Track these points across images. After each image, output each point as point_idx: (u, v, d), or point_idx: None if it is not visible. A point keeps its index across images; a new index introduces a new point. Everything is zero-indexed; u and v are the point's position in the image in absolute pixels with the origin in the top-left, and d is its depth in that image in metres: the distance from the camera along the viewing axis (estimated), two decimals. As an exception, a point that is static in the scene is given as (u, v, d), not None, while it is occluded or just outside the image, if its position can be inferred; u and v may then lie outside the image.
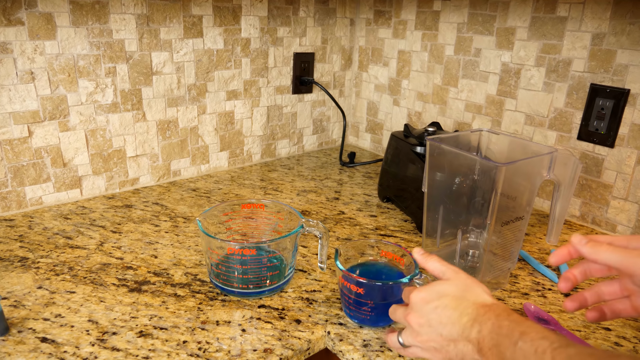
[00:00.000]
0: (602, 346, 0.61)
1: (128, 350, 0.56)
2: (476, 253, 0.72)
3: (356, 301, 0.60)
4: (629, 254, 0.44)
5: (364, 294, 0.59)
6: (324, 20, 1.26)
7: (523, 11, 0.97)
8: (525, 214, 0.68)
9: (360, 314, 0.61)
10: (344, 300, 0.62)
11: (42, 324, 0.60)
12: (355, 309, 0.61)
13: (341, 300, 0.65)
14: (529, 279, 0.76)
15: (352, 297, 0.60)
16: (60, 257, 0.75)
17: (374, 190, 1.10)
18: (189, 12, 1.01)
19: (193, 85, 1.07)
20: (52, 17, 0.85)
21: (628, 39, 0.84)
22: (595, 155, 0.92)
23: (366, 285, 0.58)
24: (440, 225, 0.73)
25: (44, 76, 0.87)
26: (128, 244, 0.80)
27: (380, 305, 0.59)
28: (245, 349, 0.57)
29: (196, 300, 0.66)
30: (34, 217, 0.89)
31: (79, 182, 0.97)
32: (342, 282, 0.61)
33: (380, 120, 1.35)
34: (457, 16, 1.09)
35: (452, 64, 1.13)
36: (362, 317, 0.61)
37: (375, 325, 0.62)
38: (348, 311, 0.63)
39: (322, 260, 0.70)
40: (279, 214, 0.74)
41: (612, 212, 0.92)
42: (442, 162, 0.70)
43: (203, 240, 0.67)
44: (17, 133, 0.87)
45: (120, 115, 0.98)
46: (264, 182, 1.12)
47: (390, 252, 0.66)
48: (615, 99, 0.86)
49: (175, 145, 1.09)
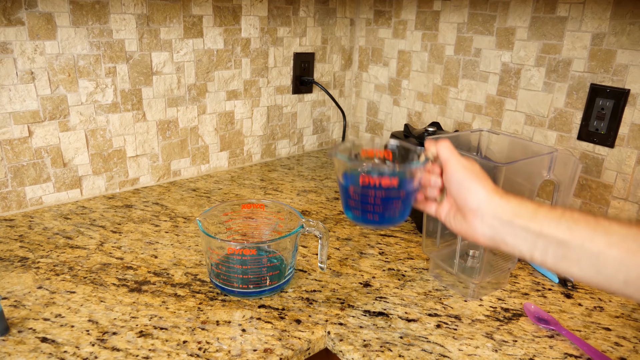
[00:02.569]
0: (602, 346, 0.61)
1: (128, 350, 0.56)
2: (476, 253, 0.72)
3: (386, 198, 0.52)
4: (456, 156, 0.49)
5: (398, 185, 0.51)
6: (324, 20, 1.26)
7: (523, 11, 0.97)
8: (525, 214, 0.68)
9: (389, 210, 0.53)
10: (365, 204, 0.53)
11: (42, 324, 0.60)
12: (383, 206, 0.53)
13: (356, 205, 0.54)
14: (529, 279, 0.76)
15: (381, 194, 0.51)
16: (60, 257, 0.75)
17: (374, 190, 1.10)
18: (189, 12, 1.01)
19: (193, 85, 1.07)
20: (52, 17, 0.85)
21: (628, 39, 0.84)
22: (595, 155, 0.92)
23: (399, 174, 0.51)
24: (440, 225, 0.73)
25: (44, 76, 0.87)
26: (128, 244, 0.80)
27: (411, 193, 0.53)
28: (246, 349, 0.57)
29: (196, 300, 0.66)
30: (34, 217, 0.89)
31: (79, 182, 0.97)
32: (366, 181, 0.52)
33: (380, 120, 1.35)
34: (457, 16, 1.09)
35: (452, 64, 1.13)
36: (390, 214, 0.54)
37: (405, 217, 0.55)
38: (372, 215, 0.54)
39: (322, 260, 0.70)
40: (279, 214, 0.74)
41: (612, 212, 0.92)
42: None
43: (203, 240, 0.67)
44: (17, 133, 0.87)
45: (120, 115, 0.98)
46: (264, 182, 1.12)
47: (370, 150, 0.57)
48: (615, 99, 0.86)
49: (175, 145, 1.09)
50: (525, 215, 0.44)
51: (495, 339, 0.61)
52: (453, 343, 0.60)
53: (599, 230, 0.40)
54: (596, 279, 0.40)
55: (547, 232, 0.42)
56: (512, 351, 0.59)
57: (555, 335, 0.62)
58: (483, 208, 0.46)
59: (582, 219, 0.41)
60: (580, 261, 0.41)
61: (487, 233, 0.47)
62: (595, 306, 0.69)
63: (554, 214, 0.43)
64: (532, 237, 0.43)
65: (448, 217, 0.52)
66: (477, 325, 0.64)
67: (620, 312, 0.68)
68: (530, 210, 0.44)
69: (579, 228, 0.41)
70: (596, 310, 0.68)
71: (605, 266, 0.39)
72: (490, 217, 0.46)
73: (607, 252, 0.39)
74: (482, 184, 0.47)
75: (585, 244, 0.40)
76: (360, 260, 0.79)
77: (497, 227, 0.46)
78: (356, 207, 0.54)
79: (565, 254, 0.41)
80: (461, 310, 0.67)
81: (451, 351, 0.58)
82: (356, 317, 0.64)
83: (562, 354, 0.59)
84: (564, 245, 0.41)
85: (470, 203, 0.47)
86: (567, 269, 0.42)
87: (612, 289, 0.40)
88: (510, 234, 0.45)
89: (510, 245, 0.46)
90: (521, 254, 0.45)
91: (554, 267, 0.43)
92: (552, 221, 0.42)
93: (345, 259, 0.79)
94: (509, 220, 0.45)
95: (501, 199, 0.46)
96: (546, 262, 0.43)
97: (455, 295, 0.70)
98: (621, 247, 0.39)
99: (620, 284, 0.39)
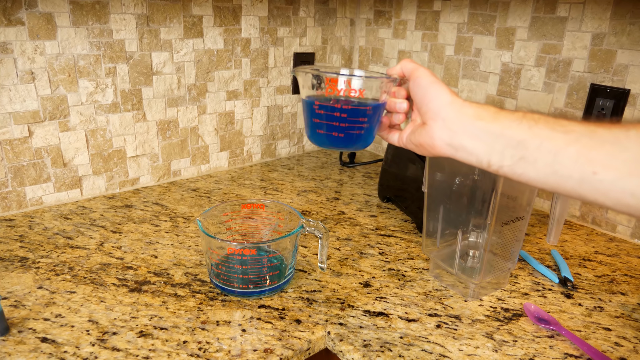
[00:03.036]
0: (602, 346, 0.61)
1: (128, 350, 0.56)
2: (476, 253, 0.72)
3: (352, 111, 0.51)
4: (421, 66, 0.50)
5: (364, 99, 0.51)
6: (324, 20, 1.26)
7: (523, 11, 0.97)
8: (525, 214, 0.68)
9: (355, 129, 0.52)
10: (330, 120, 0.52)
11: (43, 324, 0.60)
12: (349, 123, 0.52)
13: (320, 123, 0.53)
14: (529, 279, 0.76)
15: (347, 107, 0.51)
16: (60, 257, 0.75)
17: (374, 190, 1.10)
18: (189, 12, 1.01)
19: (193, 85, 1.07)
20: (52, 17, 0.85)
21: (628, 39, 0.84)
22: (595, 156, 0.92)
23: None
24: (440, 225, 0.73)
25: (44, 76, 0.87)
26: (128, 244, 0.80)
27: (376, 110, 0.53)
28: (246, 349, 0.57)
29: (196, 300, 0.66)
30: (34, 217, 0.89)
31: (79, 182, 0.97)
32: (332, 93, 0.51)
33: (381, 120, 1.35)
34: (457, 16, 1.09)
35: (452, 64, 1.13)
36: (355, 133, 0.53)
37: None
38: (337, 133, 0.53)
39: (322, 260, 0.70)
40: (279, 214, 0.74)
41: (612, 212, 0.92)
42: (442, 162, 0.70)
43: (203, 240, 0.67)
44: (17, 133, 0.87)
45: (120, 115, 0.98)
46: (264, 182, 1.12)
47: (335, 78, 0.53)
48: (615, 99, 0.86)
49: (176, 145, 1.09)
50: (486, 117, 0.44)
51: (495, 339, 0.61)
52: (453, 343, 0.60)
53: (558, 129, 0.40)
54: (552, 179, 0.41)
55: (507, 133, 0.43)
56: (512, 351, 0.59)
57: (555, 335, 0.62)
58: (446, 110, 0.47)
59: (542, 119, 0.41)
60: (537, 162, 0.41)
61: (445, 138, 0.47)
62: (595, 306, 0.69)
63: (515, 115, 0.43)
64: (492, 139, 0.44)
65: (409, 138, 0.52)
66: (477, 326, 0.64)
67: (620, 312, 0.68)
68: (491, 112, 0.45)
69: (539, 127, 0.41)
70: (596, 310, 0.68)
71: (562, 165, 0.39)
72: (451, 119, 0.46)
73: (565, 150, 0.39)
74: (445, 89, 0.48)
75: (544, 143, 0.40)
76: (360, 260, 0.79)
77: (456, 130, 0.46)
78: (320, 126, 0.52)
79: (523, 154, 0.42)
80: (461, 311, 0.67)
81: (451, 351, 0.58)
82: (356, 317, 0.64)
83: (562, 354, 0.59)
84: (522, 145, 0.42)
85: (433, 106, 0.48)
86: (523, 171, 0.42)
87: (566, 189, 0.40)
88: (470, 136, 0.45)
89: (468, 150, 0.46)
90: (477, 159, 0.45)
91: (509, 171, 0.43)
92: (513, 122, 0.43)
93: (345, 259, 0.79)
94: (470, 121, 0.45)
95: (464, 102, 0.47)
96: (502, 167, 0.44)
97: (455, 296, 0.70)
98: (578, 144, 0.38)
99: (574, 182, 0.39)
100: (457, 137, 0.46)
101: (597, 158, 0.37)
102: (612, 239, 0.90)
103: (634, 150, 0.36)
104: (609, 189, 0.37)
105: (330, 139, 0.53)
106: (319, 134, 0.53)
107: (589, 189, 0.38)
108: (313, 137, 0.54)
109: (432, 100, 0.48)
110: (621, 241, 0.90)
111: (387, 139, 0.56)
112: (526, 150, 0.41)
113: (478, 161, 0.45)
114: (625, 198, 0.37)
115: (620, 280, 0.76)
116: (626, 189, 0.36)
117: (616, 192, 0.37)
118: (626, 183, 0.36)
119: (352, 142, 0.53)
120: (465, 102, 0.47)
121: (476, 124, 0.45)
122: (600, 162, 0.37)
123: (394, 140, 0.55)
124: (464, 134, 0.45)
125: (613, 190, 0.37)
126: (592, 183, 0.38)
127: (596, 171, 0.37)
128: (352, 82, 0.51)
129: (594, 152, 0.38)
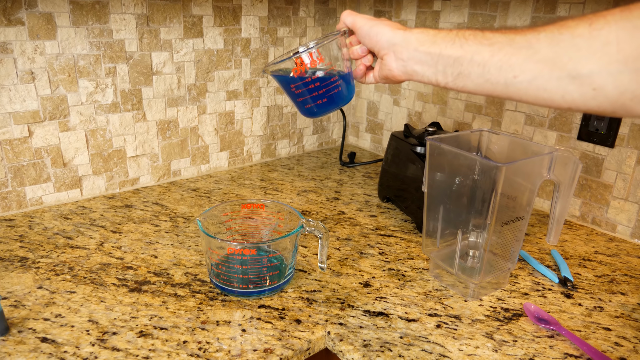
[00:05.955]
0: (602, 346, 0.61)
1: (128, 350, 0.56)
2: (476, 253, 0.72)
3: (323, 78, 0.58)
4: (359, 14, 0.57)
5: (327, 62, 0.58)
6: (324, 20, 1.26)
7: (523, 11, 0.97)
8: (525, 214, 0.68)
9: (334, 89, 0.60)
10: (311, 92, 0.59)
11: (42, 324, 0.60)
12: (326, 88, 0.59)
13: (305, 99, 0.60)
14: (529, 279, 0.76)
15: (318, 75, 0.58)
16: (60, 257, 0.75)
17: (374, 190, 1.10)
18: (189, 12, 1.01)
19: (193, 85, 1.07)
20: (52, 17, 0.85)
21: (628, 39, 0.84)
22: (595, 155, 0.92)
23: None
24: (440, 225, 0.73)
25: (44, 76, 0.87)
26: (128, 244, 0.80)
27: (343, 65, 0.60)
28: (246, 349, 0.57)
29: (196, 300, 0.66)
30: (34, 217, 0.89)
31: (79, 182, 0.97)
32: (299, 70, 0.58)
33: (380, 120, 1.35)
34: (457, 16, 1.09)
35: (452, 64, 1.13)
36: (336, 92, 0.60)
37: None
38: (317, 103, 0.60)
39: (322, 260, 0.70)
40: (279, 214, 0.74)
41: (612, 212, 0.92)
42: (442, 162, 0.70)
43: (203, 240, 0.67)
44: (17, 133, 0.87)
45: (120, 115, 0.98)
46: (264, 182, 1.12)
47: (297, 58, 0.60)
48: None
49: (175, 145, 1.09)
50: (426, 42, 0.50)
51: (495, 339, 0.61)
52: (453, 343, 0.60)
53: (484, 43, 0.45)
54: (485, 87, 0.46)
55: (445, 52, 0.48)
56: (512, 351, 0.59)
57: (555, 335, 0.62)
58: (392, 43, 0.53)
59: (471, 35, 0.47)
60: (471, 74, 0.47)
61: (400, 67, 0.53)
62: (595, 306, 0.69)
63: (450, 35, 0.49)
64: (434, 61, 0.50)
65: (379, 74, 0.58)
66: (477, 325, 0.64)
67: (620, 312, 0.68)
68: (430, 36, 0.50)
69: (469, 43, 0.47)
70: (596, 310, 0.68)
71: (491, 74, 0.45)
72: (399, 50, 0.52)
73: (491, 61, 0.44)
74: (385, 24, 0.54)
75: (474, 57, 0.46)
76: (360, 260, 0.79)
77: (406, 59, 0.52)
78: (305, 101, 0.59)
79: (460, 70, 0.47)
80: (461, 310, 0.67)
81: (451, 351, 0.58)
82: (356, 317, 0.64)
83: (562, 354, 0.59)
84: (458, 62, 0.47)
85: (380, 43, 0.54)
86: (464, 85, 0.48)
87: (497, 93, 0.46)
88: (417, 62, 0.51)
89: (419, 74, 0.52)
90: (429, 79, 0.51)
91: (453, 86, 0.49)
92: (448, 42, 0.48)
93: (345, 259, 0.79)
94: (414, 48, 0.51)
95: (404, 32, 0.52)
96: (448, 83, 0.50)
97: (455, 295, 0.70)
98: (501, 53, 0.44)
99: (502, 87, 0.45)
100: (409, 64, 0.52)
101: (516, 63, 0.43)
102: (612, 238, 0.90)
103: (543, 52, 0.41)
104: (528, 87, 0.43)
105: (318, 107, 0.60)
106: (308, 108, 0.61)
107: (514, 91, 0.44)
108: (305, 112, 0.61)
109: (378, 39, 0.55)
110: (621, 241, 0.90)
111: (365, 82, 0.62)
112: (461, 66, 0.47)
113: (429, 81, 0.52)
114: (540, 94, 0.42)
115: (620, 280, 0.76)
116: (540, 86, 0.42)
117: (533, 90, 0.43)
118: (539, 81, 0.42)
119: (336, 101, 0.61)
120: (407, 31, 0.52)
121: (419, 50, 0.51)
122: (519, 66, 0.43)
123: (370, 80, 0.62)
124: (411, 61, 0.52)
125: (531, 89, 0.43)
126: (515, 85, 0.44)
127: (516, 75, 0.43)
128: (312, 53, 0.58)
129: (513, 58, 0.43)
